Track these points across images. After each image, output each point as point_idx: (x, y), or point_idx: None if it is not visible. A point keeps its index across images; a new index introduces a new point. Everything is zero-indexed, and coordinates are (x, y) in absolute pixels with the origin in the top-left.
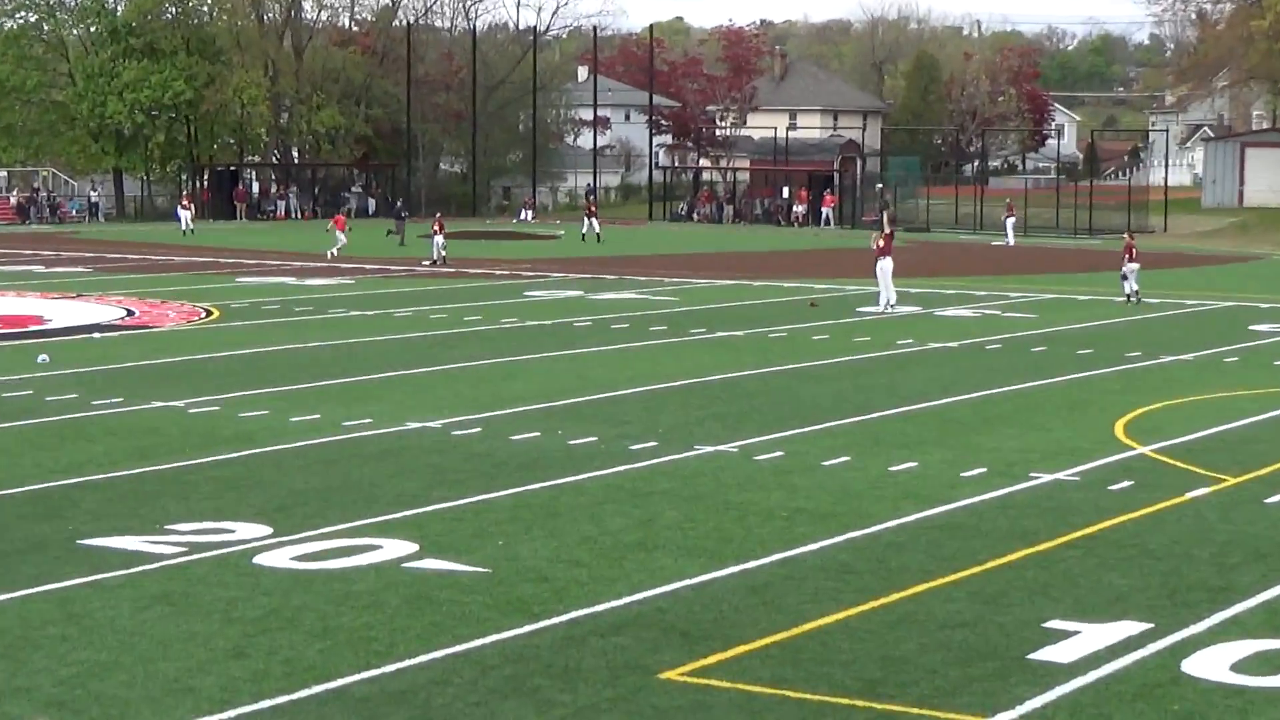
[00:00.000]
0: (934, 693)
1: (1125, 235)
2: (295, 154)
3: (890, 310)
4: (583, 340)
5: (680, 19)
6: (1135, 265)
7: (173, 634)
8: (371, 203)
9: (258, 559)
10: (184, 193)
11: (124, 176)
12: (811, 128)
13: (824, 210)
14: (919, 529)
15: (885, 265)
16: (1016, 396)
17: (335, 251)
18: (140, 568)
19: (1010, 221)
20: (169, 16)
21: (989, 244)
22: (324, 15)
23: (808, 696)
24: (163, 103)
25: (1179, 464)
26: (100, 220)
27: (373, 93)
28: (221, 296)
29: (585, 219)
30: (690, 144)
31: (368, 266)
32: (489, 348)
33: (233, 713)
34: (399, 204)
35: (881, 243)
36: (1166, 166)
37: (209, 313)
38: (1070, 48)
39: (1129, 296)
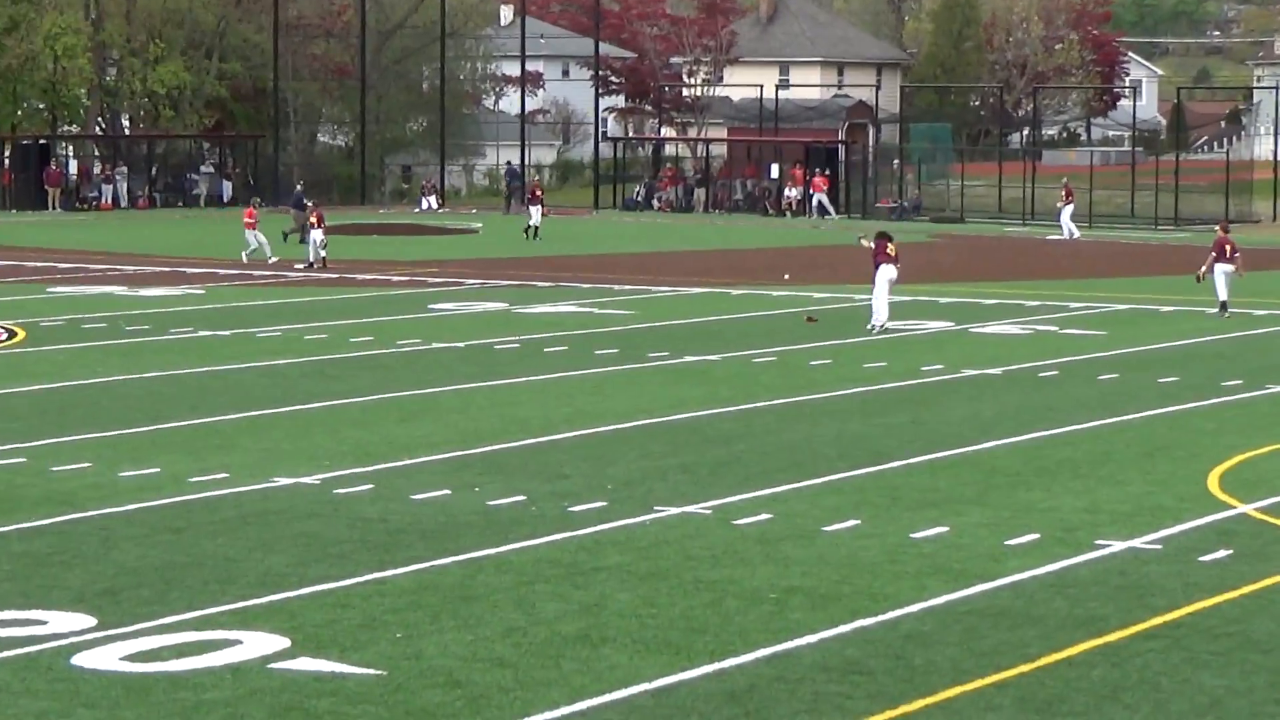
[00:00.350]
0: None
1: (1217, 228)
2: (126, 123)
3: (877, 332)
4: (507, 368)
5: None
6: (1229, 267)
7: None
8: (227, 187)
9: (77, 659)
10: None
11: None
12: (809, 85)
13: (815, 195)
14: (951, 615)
15: (884, 273)
16: (1079, 439)
17: (270, 255)
18: None
19: (1068, 209)
20: None
21: (1043, 238)
22: None
23: None
24: None
25: None
26: None
27: (229, 41)
28: (28, 312)
29: (528, 208)
30: (649, 108)
31: (221, 271)
32: (383, 379)
33: None
34: (299, 188)
35: (873, 248)
36: (1276, 136)
37: (11, 334)
38: None
39: (1222, 306)
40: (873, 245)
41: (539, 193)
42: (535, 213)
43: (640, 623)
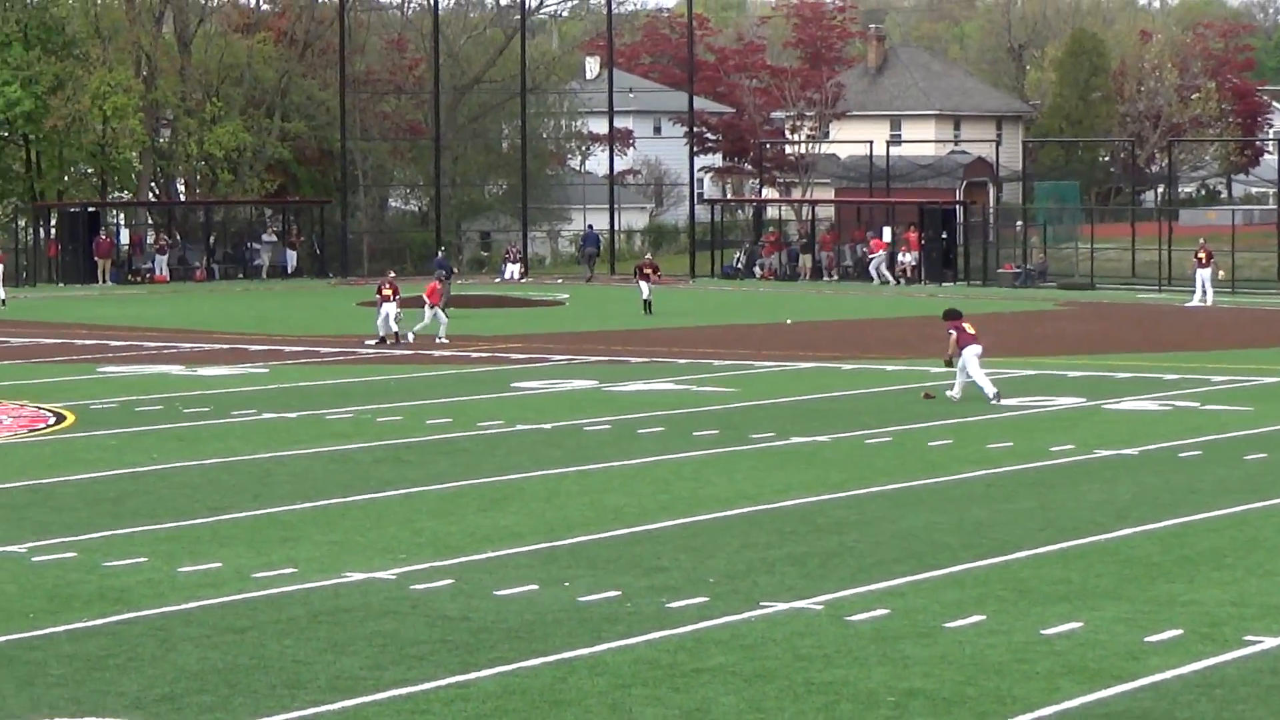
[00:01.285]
0: None
1: None
2: (181, 188)
3: (996, 401)
4: (598, 451)
5: None
6: None
7: None
8: (291, 257)
9: None
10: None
11: None
12: (923, 141)
13: (902, 257)
14: (1087, 719)
15: (970, 354)
16: (1226, 525)
17: (409, 333)
18: None
19: (1207, 272)
20: None
21: (1181, 305)
22: None
23: None
24: None
25: None
26: None
27: (291, 99)
28: (78, 394)
29: (639, 283)
30: (749, 167)
31: (287, 348)
32: (462, 464)
33: None
34: (440, 254)
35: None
36: None
37: (59, 417)
38: None
39: None
40: (952, 334)
41: (648, 270)
42: (645, 287)
43: None
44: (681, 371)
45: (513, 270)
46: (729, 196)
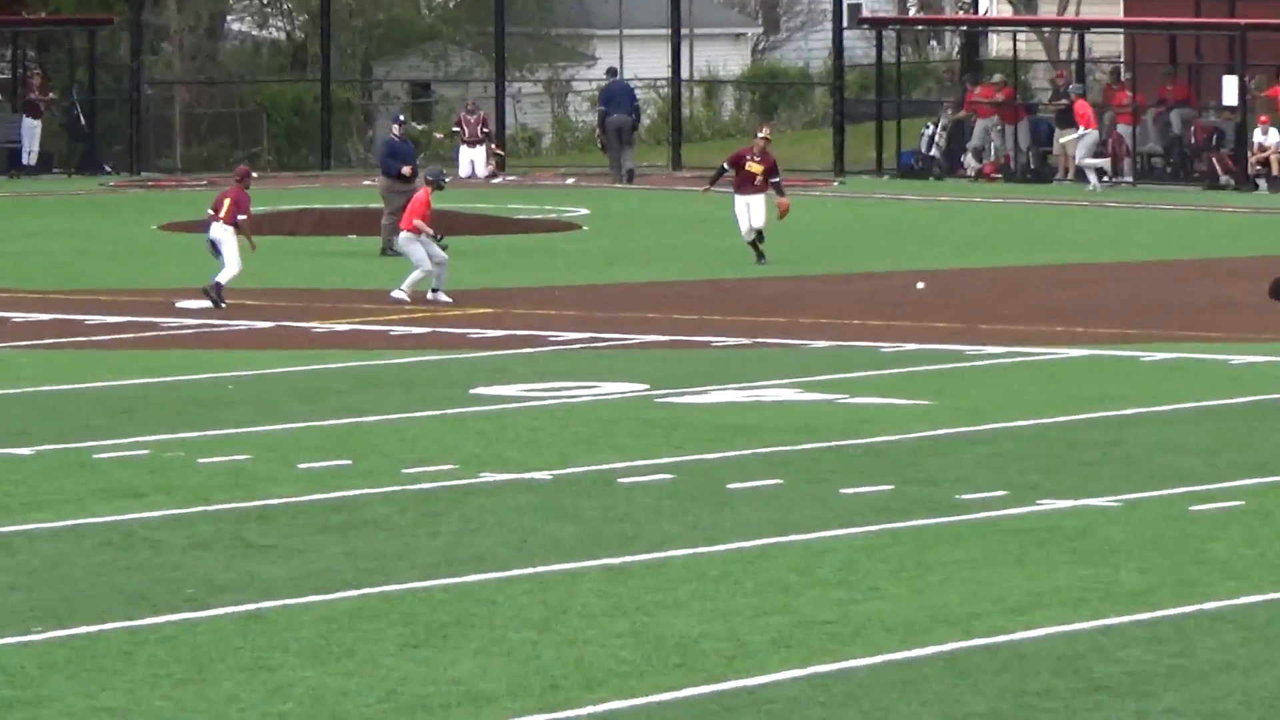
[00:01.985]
0: None
1: None
2: None
3: None
4: (646, 527)
5: None
6: None
7: None
8: (31, 131)
9: None
10: None
11: None
12: None
13: (1259, 136)
14: None
15: None
16: None
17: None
18: None
19: None
20: None
21: None
22: None
23: None
24: None
25: None
26: None
27: None
28: None
29: (736, 195)
30: None
31: (17, 317)
32: (373, 552)
33: None
34: (397, 130)
35: None
36: None
37: None
38: None
39: None
40: None
41: (754, 167)
42: (758, 207)
43: None
44: (813, 366)
45: (474, 160)
46: (910, 14)
